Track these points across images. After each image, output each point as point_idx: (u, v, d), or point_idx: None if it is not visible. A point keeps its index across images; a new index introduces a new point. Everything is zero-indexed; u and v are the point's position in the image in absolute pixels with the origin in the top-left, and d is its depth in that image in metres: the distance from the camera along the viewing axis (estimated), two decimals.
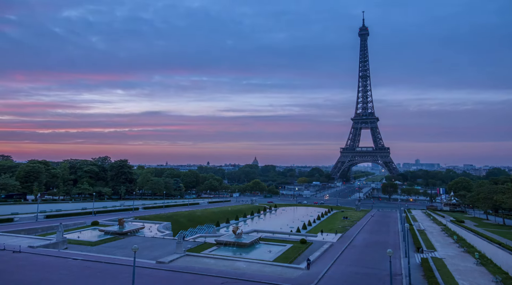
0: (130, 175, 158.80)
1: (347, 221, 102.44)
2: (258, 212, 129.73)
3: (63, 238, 55.07)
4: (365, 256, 53.48)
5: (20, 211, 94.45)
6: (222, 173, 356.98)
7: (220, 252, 55.54)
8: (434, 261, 47.48)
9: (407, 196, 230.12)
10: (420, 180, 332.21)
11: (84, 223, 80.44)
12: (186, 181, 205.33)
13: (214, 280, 37.59)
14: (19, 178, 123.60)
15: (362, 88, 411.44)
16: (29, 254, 46.85)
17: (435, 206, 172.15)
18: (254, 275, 39.73)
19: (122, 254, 50.21)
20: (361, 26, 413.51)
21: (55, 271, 39.78)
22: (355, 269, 44.77)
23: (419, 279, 39.48)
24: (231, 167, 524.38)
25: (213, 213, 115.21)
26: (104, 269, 41.19)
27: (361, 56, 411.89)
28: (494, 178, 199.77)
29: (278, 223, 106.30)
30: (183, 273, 40.06)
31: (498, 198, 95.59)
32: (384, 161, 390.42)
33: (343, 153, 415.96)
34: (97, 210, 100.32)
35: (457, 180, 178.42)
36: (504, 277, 39.12)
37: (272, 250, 57.36)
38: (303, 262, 46.83)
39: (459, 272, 42.74)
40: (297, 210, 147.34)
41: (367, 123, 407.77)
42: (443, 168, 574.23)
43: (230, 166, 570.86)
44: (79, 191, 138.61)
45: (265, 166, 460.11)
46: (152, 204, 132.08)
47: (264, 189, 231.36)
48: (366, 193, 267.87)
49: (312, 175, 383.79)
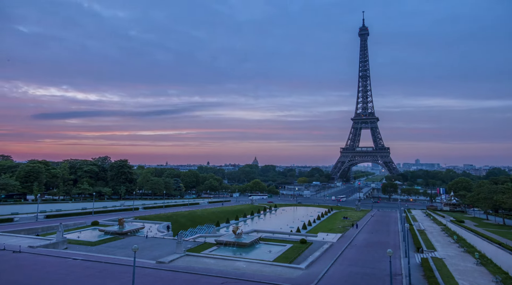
0: (130, 175, 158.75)
1: (347, 221, 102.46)
2: (258, 212, 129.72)
3: (63, 238, 55.12)
4: (365, 256, 53.47)
5: (20, 211, 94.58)
6: (222, 173, 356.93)
7: (220, 252, 55.52)
8: (434, 261, 47.47)
9: (407, 196, 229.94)
10: (420, 180, 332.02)
11: (84, 223, 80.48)
12: (186, 181, 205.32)
13: (214, 280, 37.57)
14: (19, 178, 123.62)
15: (362, 88, 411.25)
16: (29, 254, 46.82)
17: (435, 206, 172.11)
18: (254, 275, 39.71)
19: (122, 254, 50.21)
20: (361, 26, 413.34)
21: (55, 271, 39.76)
22: (355, 269, 44.77)
23: (419, 279, 39.47)
24: (231, 167, 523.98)
25: (213, 213, 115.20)
26: (104, 269, 41.18)
27: (361, 56, 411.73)
28: (494, 178, 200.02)
29: (278, 223, 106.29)
30: (183, 273, 40.05)
31: (498, 198, 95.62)
32: (384, 161, 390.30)
33: (343, 153, 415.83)
34: (97, 210, 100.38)
35: (457, 180, 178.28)
36: (504, 277, 39.09)
37: (272, 250, 57.34)
38: (303, 262, 46.83)
39: (459, 272, 42.74)
40: (297, 210, 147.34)
41: (367, 123, 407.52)
42: (443, 168, 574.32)
43: (230, 166, 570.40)
44: (79, 191, 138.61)
45: (265, 166, 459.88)
46: (152, 204, 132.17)
47: (264, 189, 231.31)
48: (366, 193, 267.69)
49: (312, 175, 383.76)
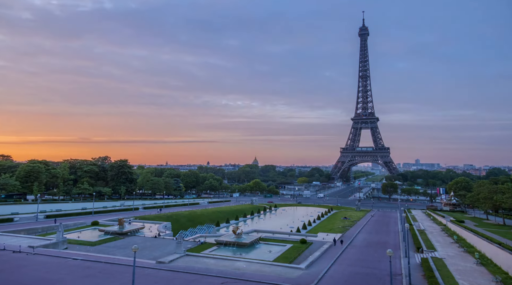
0: (130, 175, 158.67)
1: (347, 221, 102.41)
2: (258, 212, 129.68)
3: (63, 238, 55.14)
4: (365, 256, 53.48)
5: (20, 211, 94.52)
6: (222, 173, 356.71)
7: (220, 252, 55.54)
8: (434, 261, 47.45)
9: (407, 196, 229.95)
10: (420, 180, 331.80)
11: (84, 223, 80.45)
12: (186, 181, 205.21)
13: (214, 280, 37.56)
14: (19, 178, 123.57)
15: (362, 88, 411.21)
16: (29, 254, 46.84)
17: (435, 206, 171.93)
18: (254, 275, 39.71)
19: (122, 254, 50.24)
20: (361, 26, 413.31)
21: (55, 271, 39.75)
22: (355, 269, 44.76)
23: (419, 279, 39.46)
24: (231, 167, 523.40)
25: (213, 213, 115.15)
26: (104, 269, 41.17)
27: (361, 56, 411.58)
28: (494, 178, 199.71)
29: (278, 223, 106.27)
30: (183, 273, 40.05)
31: (498, 198, 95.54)
32: (384, 161, 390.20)
33: (343, 153, 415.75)
34: (97, 210, 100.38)
35: (457, 180, 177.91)
36: (504, 277, 39.07)
37: (272, 250, 57.34)
38: (303, 262, 46.82)
39: (459, 272, 42.72)
40: (297, 210, 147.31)
41: (367, 123, 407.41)
42: (443, 168, 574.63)
43: (230, 166, 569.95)
44: (79, 191, 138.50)
45: (265, 166, 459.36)
46: (152, 204, 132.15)
47: (264, 188, 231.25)
48: (366, 193, 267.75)
49: (312, 175, 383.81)
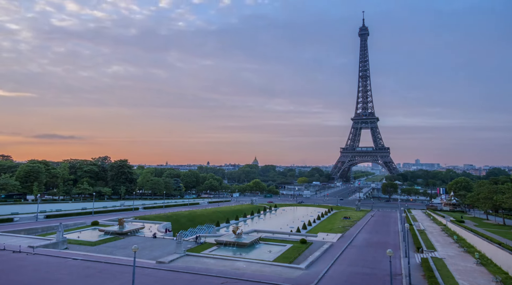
0: (130, 174, 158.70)
1: (347, 221, 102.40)
2: (258, 212, 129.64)
3: (63, 238, 55.10)
4: (365, 256, 53.45)
5: (20, 211, 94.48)
6: (222, 173, 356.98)
7: (220, 252, 55.49)
8: (434, 261, 47.44)
9: (407, 196, 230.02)
10: (420, 180, 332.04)
11: (84, 223, 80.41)
12: (186, 181, 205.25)
13: (214, 280, 37.56)
14: (19, 178, 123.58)
15: (362, 88, 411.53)
16: (29, 254, 46.82)
17: (435, 206, 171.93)
18: (254, 275, 39.69)
19: (122, 254, 50.21)
20: (361, 26, 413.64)
21: (55, 271, 39.75)
22: (355, 269, 44.76)
23: (419, 279, 39.45)
24: (231, 167, 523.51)
25: (213, 213, 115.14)
26: (104, 269, 41.16)
27: (361, 56, 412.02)
28: (494, 178, 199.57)
29: (278, 223, 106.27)
30: (183, 273, 40.04)
31: (498, 198, 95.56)
32: (384, 161, 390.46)
33: (343, 153, 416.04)
34: (97, 210, 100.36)
35: (457, 180, 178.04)
36: (504, 277, 39.06)
37: (272, 250, 57.30)
38: (303, 262, 46.80)
39: (459, 272, 42.72)
40: (297, 210, 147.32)
41: (367, 123, 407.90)
42: (443, 168, 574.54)
43: (230, 166, 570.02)
44: (79, 191, 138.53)
45: (265, 166, 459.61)
46: (152, 204, 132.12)
47: (264, 188, 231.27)
48: (366, 193, 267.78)
49: (312, 175, 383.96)
